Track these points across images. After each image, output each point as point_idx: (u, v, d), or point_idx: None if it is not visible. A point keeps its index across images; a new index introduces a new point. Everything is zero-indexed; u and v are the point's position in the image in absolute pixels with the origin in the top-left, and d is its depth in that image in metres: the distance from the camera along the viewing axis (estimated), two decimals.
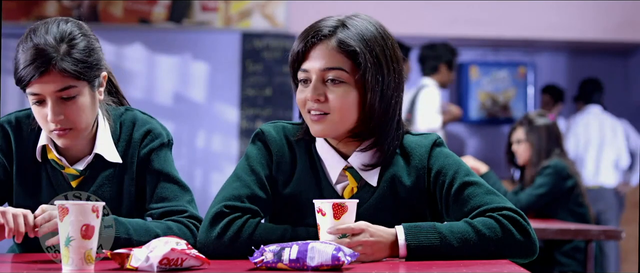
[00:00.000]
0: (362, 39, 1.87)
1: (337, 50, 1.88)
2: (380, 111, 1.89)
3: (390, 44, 1.92)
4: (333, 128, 1.90)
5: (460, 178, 1.94)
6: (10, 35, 6.51)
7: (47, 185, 2.11)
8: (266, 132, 2.01)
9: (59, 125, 1.98)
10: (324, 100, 1.88)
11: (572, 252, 4.31)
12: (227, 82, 6.79)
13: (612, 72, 7.84)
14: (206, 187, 6.66)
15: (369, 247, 1.78)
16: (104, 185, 2.11)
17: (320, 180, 1.98)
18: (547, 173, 4.41)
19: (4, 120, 2.14)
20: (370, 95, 1.87)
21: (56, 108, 1.97)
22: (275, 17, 6.81)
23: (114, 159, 2.11)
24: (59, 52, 1.94)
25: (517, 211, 1.89)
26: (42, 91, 1.95)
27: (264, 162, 1.99)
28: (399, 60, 1.93)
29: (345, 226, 1.77)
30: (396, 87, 1.92)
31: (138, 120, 2.17)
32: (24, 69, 1.94)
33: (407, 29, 6.79)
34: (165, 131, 2.19)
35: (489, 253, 1.83)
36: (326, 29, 1.89)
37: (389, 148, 1.95)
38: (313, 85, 1.89)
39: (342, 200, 1.79)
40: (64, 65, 1.94)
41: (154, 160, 2.14)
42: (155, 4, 6.79)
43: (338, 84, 1.88)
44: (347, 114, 1.89)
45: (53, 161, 2.10)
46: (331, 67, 1.88)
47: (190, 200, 2.13)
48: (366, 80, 1.86)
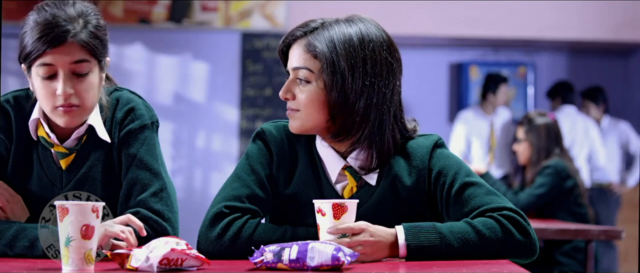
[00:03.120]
0: (329, 42, 1.92)
1: (304, 50, 1.94)
2: (345, 111, 1.91)
3: (372, 49, 1.92)
4: (301, 124, 1.96)
5: (460, 178, 1.94)
6: (10, 35, 6.50)
7: (38, 165, 2.06)
8: (267, 131, 2.02)
9: (67, 100, 1.94)
10: (292, 97, 1.96)
11: (572, 252, 4.31)
12: (227, 82, 6.79)
13: (612, 72, 7.84)
14: (206, 187, 6.66)
15: (369, 247, 1.79)
16: (95, 165, 2.06)
17: (320, 180, 1.99)
18: (547, 173, 4.41)
19: (2, 100, 2.08)
20: (331, 95, 1.91)
21: (68, 81, 1.93)
22: (275, 17, 6.81)
23: (104, 136, 2.05)
24: (77, 24, 1.94)
25: (517, 211, 1.89)
26: (56, 62, 1.92)
27: (264, 162, 1.99)
28: (380, 63, 1.93)
29: (345, 226, 1.77)
30: (367, 89, 1.91)
31: (122, 99, 2.09)
32: (39, 39, 1.90)
33: (407, 29, 6.79)
34: (148, 112, 2.10)
35: (489, 253, 1.83)
36: (300, 30, 1.96)
37: (380, 149, 1.95)
38: (286, 84, 1.97)
39: (342, 200, 1.79)
40: (82, 36, 1.93)
41: (131, 142, 2.06)
42: (155, 4, 6.79)
43: (305, 84, 1.94)
44: (312, 112, 1.94)
45: (42, 138, 2.04)
46: (298, 67, 1.95)
47: (158, 189, 2.02)
48: (327, 80, 1.91)
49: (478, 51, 7.84)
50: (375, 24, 1.97)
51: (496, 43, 7.58)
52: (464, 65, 7.82)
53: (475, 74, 7.84)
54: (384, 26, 2.00)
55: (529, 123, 4.57)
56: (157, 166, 2.05)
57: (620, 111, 7.58)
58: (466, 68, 7.82)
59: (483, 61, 7.86)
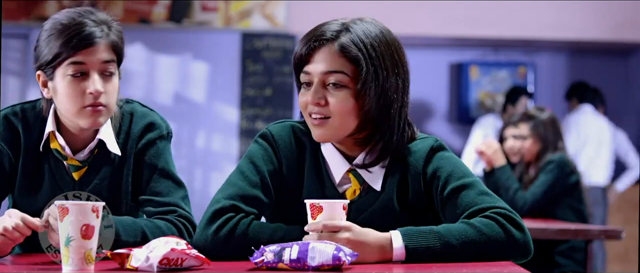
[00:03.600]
0: (364, 43, 1.87)
1: (338, 54, 1.87)
2: (381, 116, 1.89)
3: (394, 48, 1.91)
4: (333, 132, 1.90)
5: (454, 180, 1.92)
6: (10, 35, 6.51)
7: (49, 177, 2.09)
8: (275, 134, 1.99)
9: (97, 99, 1.98)
10: (325, 104, 1.88)
11: (569, 251, 4.29)
12: (227, 82, 6.79)
13: (612, 72, 7.84)
14: (206, 187, 6.66)
15: (351, 246, 1.74)
16: (106, 178, 2.10)
17: (324, 181, 1.97)
18: (550, 169, 4.39)
19: (9, 112, 2.11)
20: (369, 99, 1.86)
21: (100, 80, 1.99)
22: (275, 17, 6.81)
23: (114, 150, 2.09)
24: (105, 27, 2.00)
25: (511, 210, 1.87)
26: (88, 61, 1.97)
27: (267, 161, 1.97)
28: (402, 64, 1.93)
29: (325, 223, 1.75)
30: (397, 90, 1.91)
31: (137, 113, 2.15)
32: (69, 41, 1.95)
33: (407, 29, 6.78)
34: (164, 123, 2.17)
35: (489, 251, 1.81)
36: (329, 32, 1.88)
37: (395, 149, 1.94)
38: (314, 88, 1.88)
39: (319, 200, 1.79)
40: (112, 37, 2.01)
41: (151, 153, 2.13)
42: (155, 4, 6.79)
43: (339, 88, 1.87)
44: (347, 118, 1.88)
45: (56, 151, 2.08)
46: (332, 71, 1.87)
47: (183, 196, 2.12)
48: (367, 84, 1.86)
49: (478, 51, 7.84)
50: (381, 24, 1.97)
51: (496, 43, 7.58)
52: (464, 65, 7.82)
53: (475, 74, 7.84)
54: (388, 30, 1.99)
55: (532, 119, 4.56)
56: (177, 175, 2.15)
57: (620, 111, 7.58)
58: (466, 68, 7.82)
59: (483, 61, 7.85)
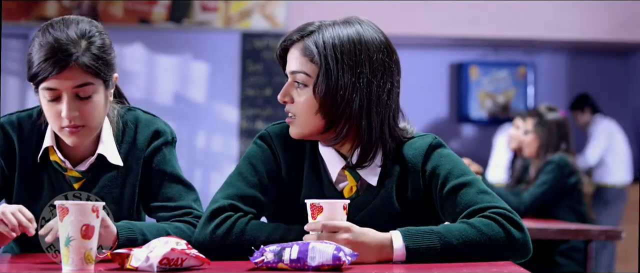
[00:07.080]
0: (325, 44, 1.90)
1: (301, 54, 1.93)
2: (342, 115, 1.90)
3: (368, 49, 1.91)
4: (300, 130, 1.95)
5: (453, 178, 1.93)
6: (10, 35, 6.51)
7: (49, 187, 2.09)
8: (274, 134, 2.01)
9: (72, 122, 1.96)
10: (290, 101, 1.95)
11: (568, 251, 4.29)
12: (227, 82, 6.79)
13: (612, 72, 7.84)
14: (206, 187, 6.66)
15: (351, 246, 1.74)
16: (105, 187, 2.09)
17: (322, 180, 1.98)
18: (549, 169, 4.39)
19: (5, 121, 2.10)
20: (326, 98, 1.90)
21: (72, 104, 1.95)
22: (275, 17, 6.81)
23: (116, 161, 2.09)
24: (80, 47, 1.94)
25: (511, 210, 1.88)
26: (59, 86, 1.93)
27: (265, 162, 1.99)
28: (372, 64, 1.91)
29: (324, 223, 1.76)
30: (362, 91, 1.90)
31: (141, 121, 2.15)
32: (42, 63, 1.91)
33: (407, 29, 6.79)
34: (169, 129, 2.18)
35: (489, 251, 1.81)
36: (297, 34, 1.94)
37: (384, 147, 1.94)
38: (283, 88, 1.96)
39: (319, 201, 1.80)
40: (84, 60, 1.93)
41: (158, 159, 2.13)
42: (155, 4, 6.79)
43: (303, 87, 1.93)
44: (311, 116, 1.92)
45: (55, 163, 2.07)
46: (296, 70, 1.93)
47: (195, 199, 2.14)
48: (319, 84, 1.90)
49: (478, 51, 7.84)
50: (373, 25, 1.96)
51: (496, 43, 7.58)
52: (464, 65, 7.82)
53: (475, 74, 7.85)
54: (384, 26, 1.99)
55: (539, 117, 4.55)
56: (186, 178, 2.16)
57: (620, 111, 7.58)
58: (466, 68, 7.83)
59: (483, 61, 7.86)
